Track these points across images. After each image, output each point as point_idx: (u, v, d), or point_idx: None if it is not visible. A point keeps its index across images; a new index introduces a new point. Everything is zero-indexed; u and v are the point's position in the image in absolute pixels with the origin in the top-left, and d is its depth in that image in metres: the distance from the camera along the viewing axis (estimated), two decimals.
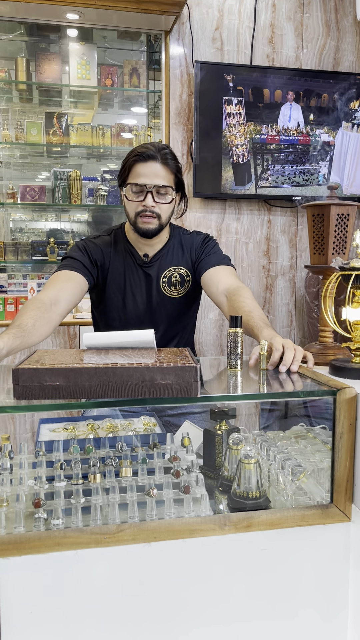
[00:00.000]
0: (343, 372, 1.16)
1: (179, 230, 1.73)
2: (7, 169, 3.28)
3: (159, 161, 1.53)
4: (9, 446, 1.22)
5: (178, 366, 0.94)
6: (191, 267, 1.68)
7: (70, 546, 0.93)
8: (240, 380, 1.15)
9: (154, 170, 1.53)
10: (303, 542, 1.03)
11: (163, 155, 1.53)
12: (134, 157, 1.55)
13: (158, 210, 1.55)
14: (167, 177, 1.55)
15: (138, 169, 1.54)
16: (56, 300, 1.45)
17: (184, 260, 1.68)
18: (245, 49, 3.06)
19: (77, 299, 1.55)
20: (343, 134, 3.17)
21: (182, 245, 1.69)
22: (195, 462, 1.16)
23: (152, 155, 1.52)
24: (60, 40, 3.13)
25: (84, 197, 3.14)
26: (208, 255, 1.66)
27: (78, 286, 1.55)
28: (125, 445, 1.21)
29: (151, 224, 1.56)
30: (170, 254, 1.67)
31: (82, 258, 1.60)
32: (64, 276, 1.55)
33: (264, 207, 3.18)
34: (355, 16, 3.16)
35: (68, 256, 1.62)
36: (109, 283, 1.64)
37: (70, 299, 1.50)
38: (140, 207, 1.54)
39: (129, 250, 1.66)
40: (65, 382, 0.93)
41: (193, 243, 1.69)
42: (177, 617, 0.99)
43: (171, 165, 1.55)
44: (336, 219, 1.37)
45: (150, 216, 1.54)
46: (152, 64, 3.20)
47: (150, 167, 1.53)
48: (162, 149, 1.55)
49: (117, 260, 1.65)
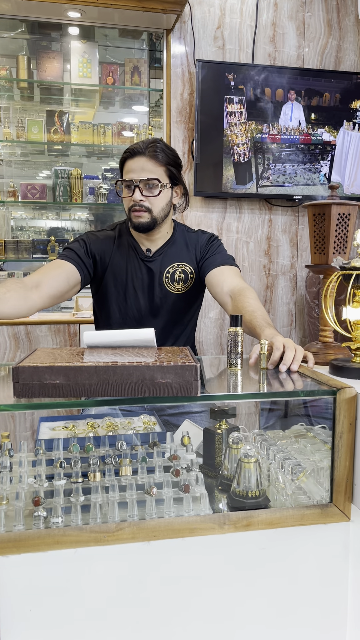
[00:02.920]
0: (343, 371, 1.16)
1: (184, 228, 1.74)
2: (8, 167, 3.28)
3: (145, 155, 1.55)
4: (8, 444, 1.22)
5: (178, 365, 0.94)
6: (196, 265, 1.68)
7: (70, 544, 0.93)
8: (240, 380, 1.15)
9: (140, 164, 1.55)
10: (302, 542, 1.03)
11: (151, 149, 1.55)
12: (125, 154, 1.59)
13: (148, 204, 1.56)
14: (155, 170, 1.56)
15: (127, 165, 1.58)
16: (38, 283, 1.50)
17: (189, 257, 1.68)
18: (247, 48, 3.06)
19: (63, 287, 1.57)
20: (344, 134, 3.17)
21: (187, 243, 1.69)
22: (195, 461, 1.16)
23: (139, 150, 1.56)
24: (61, 39, 3.12)
25: (85, 195, 3.14)
26: (213, 255, 1.66)
27: (65, 275, 1.57)
28: (125, 444, 1.21)
29: (142, 218, 1.57)
30: (173, 250, 1.67)
31: (79, 250, 1.63)
32: (55, 264, 1.60)
33: (265, 207, 3.18)
34: (357, 15, 3.15)
35: (67, 247, 1.65)
36: (110, 277, 1.65)
37: (54, 285, 1.53)
38: (131, 203, 1.57)
39: (132, 244, 1.66)
40: (66, 380, 0.93)
41: (198, 241, 1.70)
42: (177, 615, 0.99)
43: (160, 157, 1.56)
44: (337, 218, 1.37)
45: (140, 210, 1.56)
46: (153, 62, 3.19)
47: (137, 162, 1.56)
48: (151, 143, 1.57)
49: (119, 254, 1.66)
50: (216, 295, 1.60)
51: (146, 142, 1.58)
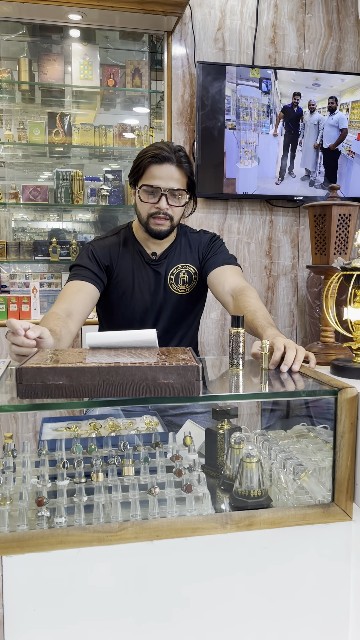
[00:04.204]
0: (344, 371, 1.17)
1: (186, 229, 1.74)
2: (9, 169, 3.29)
3: (174, 163, 1.52)
4: (12, 445, 1.23)
5: (180, 365, 0.95)
6: (198, 265, 1.69)
7: (73, 544, 0.93)
8: (242, 380, 1.16)
9: (169, 172, 1.52)
10: (304, 541, 1.04)
11: (178, 158, 1.53)
12: (149, 157, 1.53)
13: (171, 212, 1.56)
14: (182, 180, 1.55)
15: (153, 170, 1.53)
16: (69, 312, 1.48)
17: (192, 258, 1.69)
18: (247, 50, 3.07)
19: (89, 308, 1.57)
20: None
21: (190, 244, 1.70)
22: (197, 461, 1.17)
23: (168, 157, 1.52)
24: (62, 41, 3.13)
25: (86, 197, 3.15)
26: (215, 255, 1.66)
27: (89, 297, 1.57)
28: (127, 444, 1.21)
29: (163, 226, 1.56)
30: (178, 252, 1.68)
31: (91, 266, 1.61)
32: (75, 287, 1.56)
33: (266, 207, 3.19)
34: (357, 16, 3.16)
35: (77, 264, 1.62)
36: (117, 282, 1.65)
37: (82, 310, 1.53)
38: (153, 209, 1.55)
39: (138, 249, 1.66)
40: (68, 381, 0.93)
41: (201, 242, 1.70)
42: (179, 615, 0.99)
43: (185, 168, 1.55)
44: (338, 219, 1.38)
45: (164, 218, 1.55)
46: (154, 64, 3.20)
47: (166, 170, 1.52)
48: (178, 150, 1.54)
49: (125, 260, 1.66)
50: (217, 295, 1.60)
51: (172, 148, 1.54)
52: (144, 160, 1.54)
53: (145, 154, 1.55)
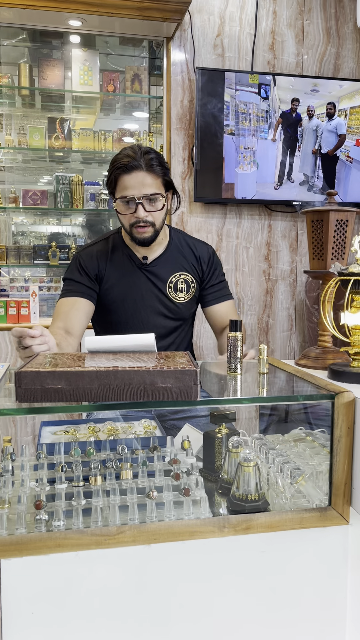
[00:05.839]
0: (341, 376, 1.18)
1: (180, 235, 1.74)
2: (9, 174, 3.30)
3: (144, 169, 1.49)
4: (10, 448, 1.23)
5: (178, 370, 0.95)
6: (198, 278, 1.72)
7: (71, 547, 0.94)
8: (239, 384, 1.16)
9: (139, 180, 1.49)
10: (301, 545, 1.04)
11: (147, 162, 1.49)
12: (117, 169, 1.50)
13: (151, 218, 1.54)
14: (155, 183, 1.51)
15: (124, 181, 1.50)
16: (67, 329, 1.54)
17: (190, 266, 1.69)
18: (246, 56, 3.09)
19: (86, 323, 1.60)
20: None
21: (186, 250, 1.70)
22: (195, 465, 1.17)
23: (136, 165, 1.48)
24: (62, 47, 3.15)
25: (86, 201, 3.16)
26: (215, 285, 1.74)
27: (83, 312, 1.60)
28: (125, 448, 1.22)
29: (146, 233, 1.56)
30: (173, 258, 1.68)
31: (82, 279, 1.62)
32: (69, 304, 1.59)
33: (265, 212, 3.20)
34: (355, 23, 3.18)
35: (68, 278, 1.63)
36: (107, 288, 1.65)
37: (79, 327, 1.57)
38: (133, 219, 1.53)
39: (127, 254, 1.66)
40: (67, 385, 0.94)
41: (200, 255, 1.72)
42: (177, 618, 1.00)
43: (157, 170, 1.51)
44: (335, 224, 1.39)
45: (144, 226, 1.54)
46: (153, 69, 3.22)
47: (136, 178, 1.49)
48: (146, 152, 1.50)
49: (114, 265, 1.66)
50: (213, 327, 1.77)
51: (138, 153, 1.49)
52: (114, 171, 1.52)
53: (114, 164, 1.52)
